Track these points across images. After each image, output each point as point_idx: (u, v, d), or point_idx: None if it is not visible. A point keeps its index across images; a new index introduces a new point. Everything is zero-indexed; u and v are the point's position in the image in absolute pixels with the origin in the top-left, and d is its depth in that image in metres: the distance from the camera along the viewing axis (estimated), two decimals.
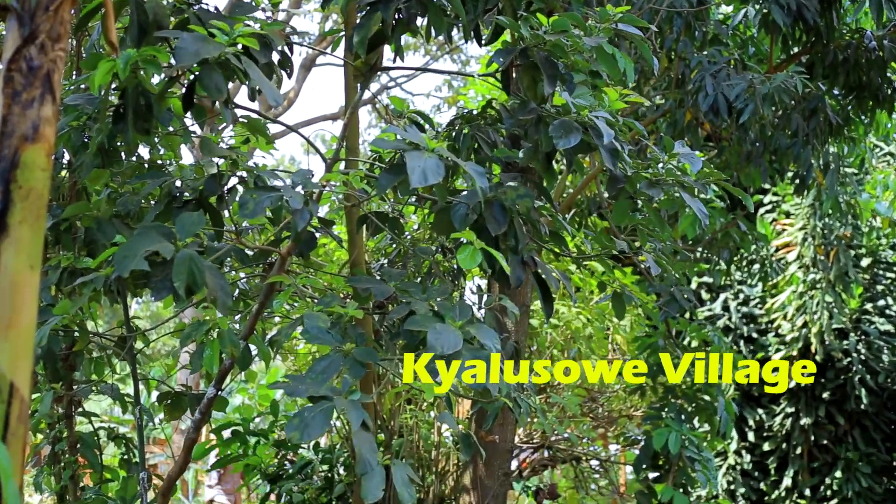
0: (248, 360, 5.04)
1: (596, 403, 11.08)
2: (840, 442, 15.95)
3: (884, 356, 15.76)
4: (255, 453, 8.65)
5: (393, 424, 8.61)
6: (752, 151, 8.96)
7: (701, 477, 8.82)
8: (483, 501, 7.49)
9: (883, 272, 16.47)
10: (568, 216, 8.57)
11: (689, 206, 5.48)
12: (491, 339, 4.30)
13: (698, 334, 9.59)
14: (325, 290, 5.34)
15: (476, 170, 4.36)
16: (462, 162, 4.34)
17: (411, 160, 4.11)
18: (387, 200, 6.44)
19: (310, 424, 3.76)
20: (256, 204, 4.40)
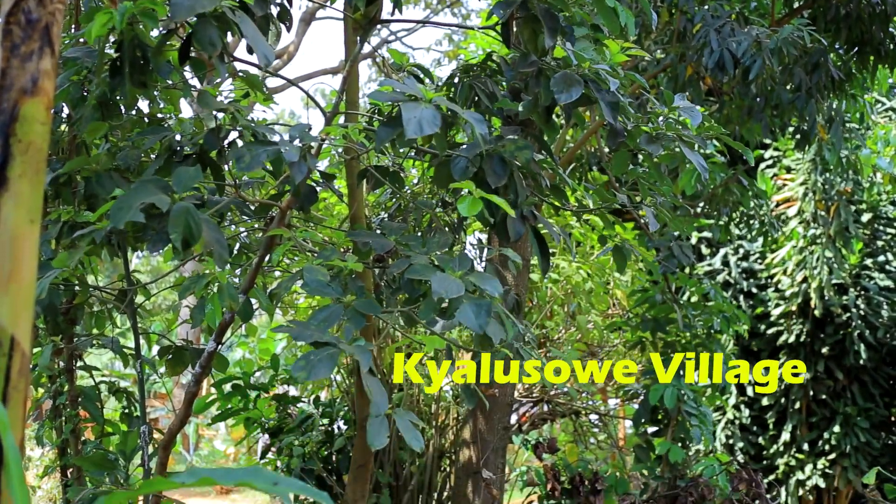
0: (248, 313, 5.05)
1: (595, 358, 11.11)
2: (838, 397, 15.98)
3: (883, 312, 15.77)
4: (255, 407, 8.68)
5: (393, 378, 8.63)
6: (754, 106, 8.93)
7: (698, 432, 8.86)
8: (483, 455, 7.52)
9: (883, 228, 16.45)
10: (568, 171, 8.56)
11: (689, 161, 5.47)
12: (492, 286, 4.30)
13: (697, 289, 9.60)
14: (325, 244, 5.33)
15: (475, 117, 4.36)
16: (461, 110, 4.33)
17: (407, 111, 4.10)
18: (387, 154, 6.43)
19: (315, 366, 3.77)
20: (253, 157, 4.39)
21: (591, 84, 4.90)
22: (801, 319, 15.78)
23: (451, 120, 4.52)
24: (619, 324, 9.97)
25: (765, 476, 15.26)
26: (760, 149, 16.72)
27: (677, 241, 8.51)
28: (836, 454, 15.42)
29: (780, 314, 15.95)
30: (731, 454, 15.53)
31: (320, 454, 8.61)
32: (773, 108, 8.92)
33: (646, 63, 9.10)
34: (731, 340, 15.20)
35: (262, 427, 8.83)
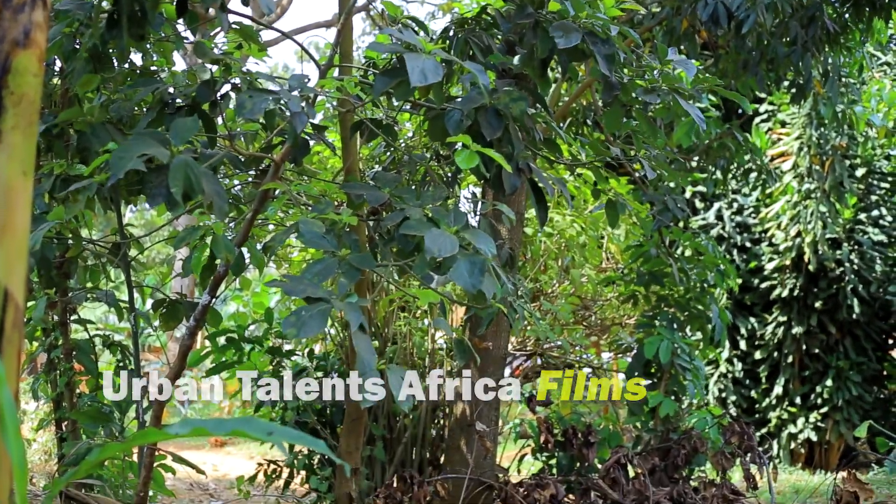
0: (242, 266, 5.06)
1: (589, 311, 11.13)
2: (831, 351, 16.04)
3: (876, 266, 15.80)
4: (249, 360, 8.69)
5: (387, 332, 8.64)
6: (749, 60, 8.89)
7: (691, 386, 8.89)
8: (476, 408, 7.55)
9: (877, 182, 16.45)
10: (563, 125, 8.54)
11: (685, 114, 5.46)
12: (486, 244, 4.30)
13: (691, 243, 9.60)
14: (319, 197, 5.33)
15: (477, 68, 4.36)
16: (461, 61, 4.33)
17: (410, 60, 4.10)
18: (381, 107, 6.41)
19: (307, 323, 3.78)
20: (255, 105, 4.38)
21: (586, 36, 4.89)
22: (795, 274, 15.81)
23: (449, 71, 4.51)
24: (613, 278, 9.98)
25: (757, 429, 15.33)
26: (755, 103, 16.68)
27: (671, 194, 8.50)
28: (829, 408, 15.50)
29: (773, 268, 15.98)
30: (723, 407, 15.60)
31: (314, 407, 8.63)
32: (768, 61, 8.89)
33: (641, 17, 9.05)
34: (724, 295, 15.23)
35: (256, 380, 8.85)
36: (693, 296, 9.12)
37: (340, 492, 6.96)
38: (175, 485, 11.58)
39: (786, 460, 15.76)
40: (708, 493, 6.97)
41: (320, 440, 1.57)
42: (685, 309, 9.12)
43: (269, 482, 8.63)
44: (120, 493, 6.26)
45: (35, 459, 12.54)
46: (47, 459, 12.49)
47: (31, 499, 6.09)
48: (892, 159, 16.49)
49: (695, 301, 9.12)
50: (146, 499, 5.48)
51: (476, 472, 7.23)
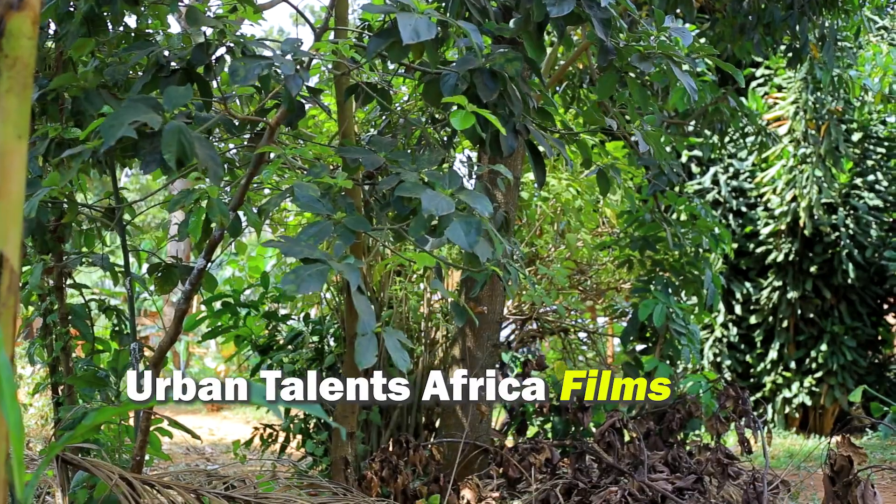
0: (237, 229, 5.04)
1: (584, 276, 11.12)
2: (826, 316, 16.07)
3: (872, 231, 15.81)
4: (245, 324, 8.70)
5: (382, 296, 8.65)
6: (746, 24, 8.87)
7: (686, 350, 8.91)
8: (472, 372, 7.56)
9: (873, 147, 16.45)
10: (559, 89, 8.52)
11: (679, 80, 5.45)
12: (482, 204, 4.30)
13: (687, 208, 9.60)
14: (315, 161, 5.32)
15: (471, 27, 4.34)
16: (454, 21, 4.31)
17: (402, 19, 4.09)
18: (376, 71, 6.39)
19: (305, 280, 3.78)
20: (248, 71, 4.37)
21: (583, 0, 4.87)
22: (790, 238, 15.83)
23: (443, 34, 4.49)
24: (609, 242, 9.98)
25: (752, 394, 15.38)
26: (752, 67, 16.66)
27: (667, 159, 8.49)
28: (823, 372, 15.55)
29: (769, 233, 15.99)
30: (718, 372, 15.64)
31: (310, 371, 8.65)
32: (765, 25, 8.87)
33: None
34: (720, 259, 15.24)
35: (252, 345, 8.86)
36: (688, 260, 9.12)
37: (336, 455, 6.98)
38: (171, 449, 11.62)
39: (780, 425, 15.83)
40: (702, 458, 6.99)
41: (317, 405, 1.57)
42: (680, 273, 9.13)
43: (265, 446, 8.66)
44: (116, 457, 6.27)
45: (31, 424, 12.57)
46: (44, 424, 12.53)
47: (27, 463, 6.11)
48: (889, 124, 16.48)
49: (689, 266, 9.12)
50: (143, 463, 5.50)
51: (471, 437, 7.25)
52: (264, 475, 8.07)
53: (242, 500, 5.41)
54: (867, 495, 5.29)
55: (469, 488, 6.77)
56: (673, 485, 6.52)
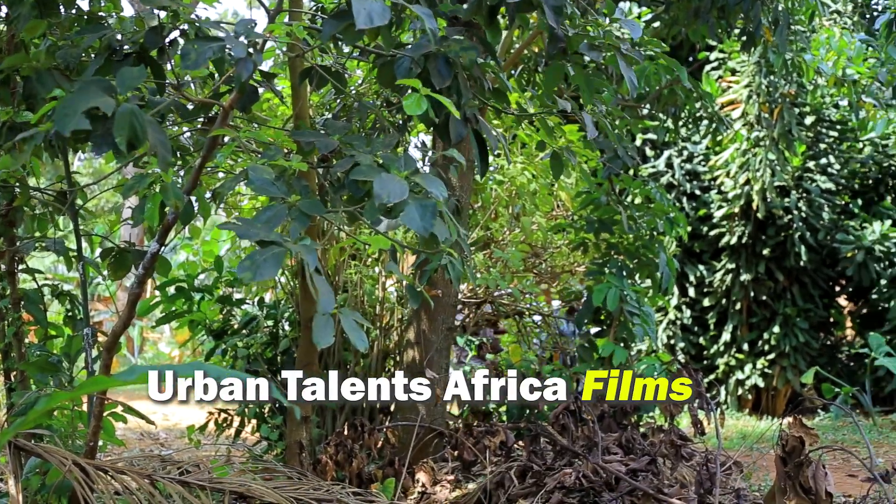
0: (191, 213, 5.02)
1: (539, 259, 11.15)
2: (779, 298, 16.18)
3: (824, 214, 15.93)
4: (199, 309, 8.67)
5: (337, 280, 8.64)
6: (700, 7, 8.89)
7: (641, 331, 8.95)
8: (427, 355, 7.57)
9: (826, 130, 16.56)
10: (515, 72, 8.52)
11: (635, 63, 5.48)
12: (437, 188, 4.29)
13: (641, 191, 9.63)
14: (269, 145, 5.29)
15: (425, 12, 4.31)
16: (409, 4, 4.29)
17: (357, 3, 4.06)
18: (330, 54, 6.37)
19: (261, 266, 3.76)
20: (199, 55, 4.33)
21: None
22: (744, 221, 15.92)
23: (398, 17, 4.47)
24: (563, 225, 10.01)
25: (705, 376, 15.46)
26: (706, 51, 16.73)
27: (622, 142, 8.51)
28: (776, 354, 15.67)
29: (722, 216, 16.08)
30: (672, 354, 15.72)
31: (265, 356, 8.63)
32: (719, 9, 8.89)
33: None
34: (674, 242, 15.31)
35: (207, 329, 8.83)
36: (642, 243, 9.16)
37: (291, 439, 6.97)
38: (125, 434, 11.56)
39: (733, 406, 15.94)
40: (656, 439, 7.03)
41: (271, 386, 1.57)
42: (634, 256, 9.17)
43: (220, 431, 8.63)
44: (70, 443, 6.23)
45: None
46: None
47: None
48: (841, 108, 16.60)
49: (644, 249, 9.16)
50: (96, 448, 5.47)
51: (426, 420, 7.27)
52: (219, 460, 8.06)
53: (197, 484, 5.40)
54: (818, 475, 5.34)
55: (424, 471, 6.78)
56: (627, 466, 6.55)
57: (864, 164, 16.64)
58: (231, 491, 5.49)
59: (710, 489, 5.99)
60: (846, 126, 16.66)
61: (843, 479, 8.88)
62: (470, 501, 6.49)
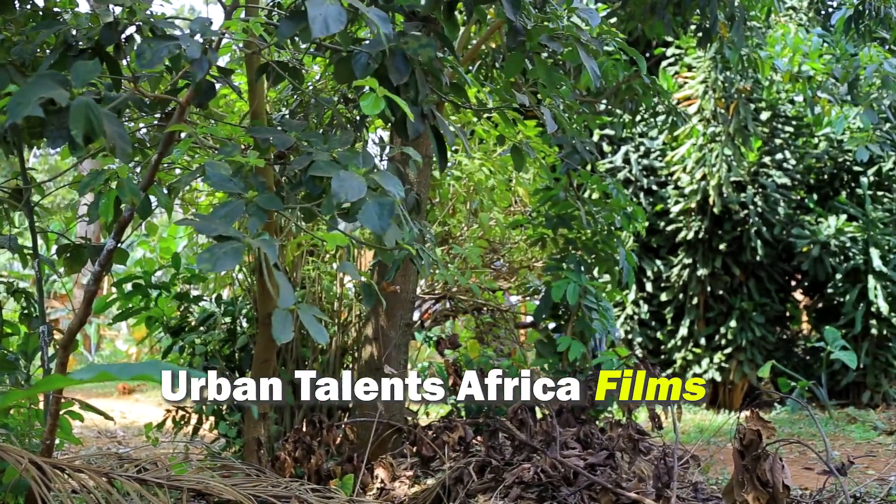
0: (147, 210, 4.99)
1: (497, 255, 11.17)
2: (735, 292, 16.27)
3: (780, 209, 16.03)
4: (156, 306, 8.63)
5: (295, 276, 8.62)
6: (656, 3, 8.92)
7: (599, 326, 8.98)
8: (385, 351, 7.57)
9: (781, 126, 16.66)
10: (473, 68, 8.53)
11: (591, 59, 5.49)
12: (394, 186, 4.29)
13: (599, 186, 9.66)
14: (226, 141, 5.27)
15: (379, 16, 4.30)
16: (365, 8, 4.28)
17: (312, 7, 4.03)
18: (288, 50, 6.35)
19: (221, 258, 3.74)
20: (154, 53, 4.31)
21: None
22: (700, 216, 16.00)
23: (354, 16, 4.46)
24: (521, 221, 10.03)
25: (662, 370, 15.51)
26: (662, 46, 16.81)
27: (579, 137, 8.53)
28: (732, 349, 15.76)
29: (679, 211, 16.17)
30: (629, 349, 15.79)
31: (223, 352, 8.61)
32: (675, 5, 8.93)
33: None
34: (631, 237, 15.38)
35: (164, 326, 8.79)
36: (600, 238, 9.19)
37: (249, 437, 6.96)
38: (82, 433, 11.50)
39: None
40: (614, 434, 7.05)
41: None
42: (593, 252, 9.20)
43: (177, 428, 8.60)
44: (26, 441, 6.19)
45: None
46: None
47: None
48: (797, 103, 16.71)
49: (602, 244, 9.20)
50: (53, 447, 5.43)
51: (385, 416, 7.26)
52: (177, 457, 8.02)
53: (155, 482, 5.37)
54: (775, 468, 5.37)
55: (383, 467, 6.78)
56: (585, 461, 6.58)
57: (819, 159, 16.77)
58: (189, 488, 5.47)
59: (667, 483, 6.02)
60: (802, 122, 16.78)
61: (799, 471, 8.95)
62: (429, 497, 6.50)
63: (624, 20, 9.57)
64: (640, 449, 6.98)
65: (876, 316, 15.56)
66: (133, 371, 1.53)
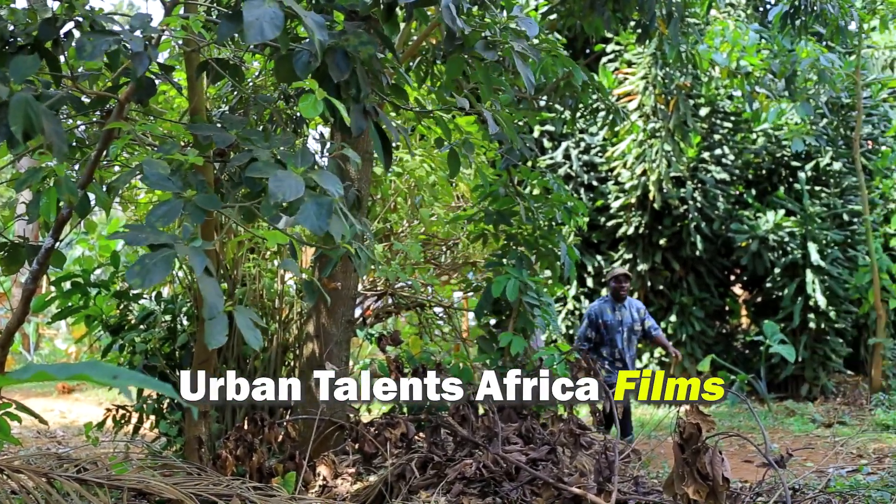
0: (86, 208, 4.95)
1: (439, 251, 11.18)
2: (675, 287, 16.40)
3: (719, 204, 16.18)
4: (95, 304, 8.57)
5: (236, 274, 8.58)
6: (596, 0, 8.97)
7: (541, 321, 9.01)
8: (326, 349, 7.55)
9: (720, 122, 16.81)
10: (413, 64, 8.53)
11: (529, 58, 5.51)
12: (333, 185, 4.28)
13: (540, 182, 9.69)
14: (165, 138, 5.24)
15: (316, 21, 4.28)
16: (302, 12, 4.26)
17: (249, 11, 4.00)
18: (228, 47, 6.33)
19: (151, 271, 3.71)
20: (95, 47, 4.27)
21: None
22: (640, 212, 16.11)
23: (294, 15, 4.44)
24: (463, 216, 10.04)
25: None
26: (602, 43, 16.90)
27: (520, 134, 8.55)
28: (673, 343, 15.87)
29: (619, 207, 16.27)
30: (571, 344, 15.86)
31: (163, 351, 8.55)
32: (614, 2, 8.97)
33: None
34: (573, 233, 15.45)
35: (103, 325, 8.72)
36: (541, 234, 9.22)
37: (190, 435, 6.93)
38: (21, 433, 11.40)
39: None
40: (556, 429, 7.08)
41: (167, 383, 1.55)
42: (534, 247, 9.22)
43: (118, 428, 8.54)
44: None
45: None
46: None
47: None
48: (735, 99, 16.86)
49: (543, 239, 9.22)
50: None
51: (327, 413, 7.25)
52: (117, 457, 7.97)
53: (95, 482, 5.34)
54: (715, 461, 5.41)
55: (325, 465, 6.77)
56: (527, 456, 6.60)
57: (757, 154, 16.93)
58: (130, 488, 5.44)
59: (609, 477, 6.05)
60: (740, 117, 16.94)
61: (739, 464, 9.03)
62: (371, 494, 6.50)
63: (563, 16, 9.61)
64: (581, 444, 7.02)
65: (814, 310, 15.74)
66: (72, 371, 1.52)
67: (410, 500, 6.28)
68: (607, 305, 10.40)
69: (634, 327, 10.42)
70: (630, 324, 10.40)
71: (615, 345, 10.30)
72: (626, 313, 10.43)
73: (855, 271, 15.89)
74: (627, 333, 10.37)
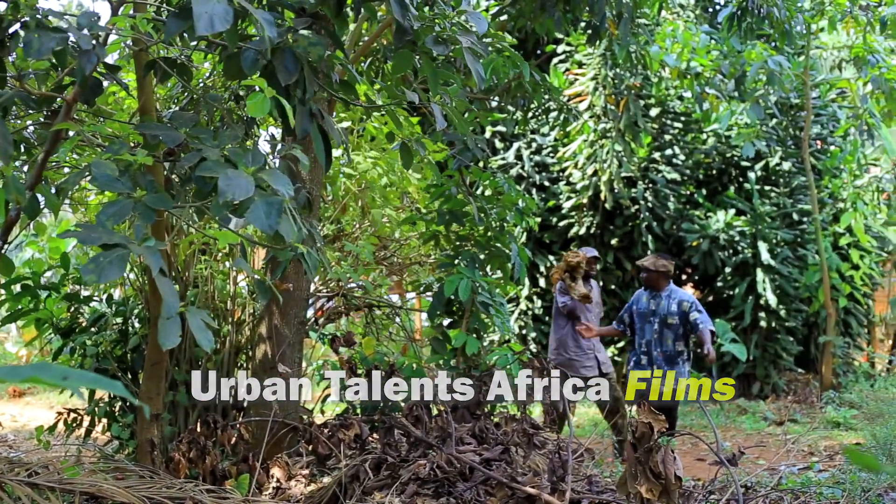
0: (35, 209, 4.92)
1: (390, 251, 11.17)
2: (627, 287, 16.47)
3: (669, 204, 16.27)
4: (46, 307, 8.50)
5: (187, 275, 8.54)
6: (547, 1, 8.99)
7: (498, 321, 9.02)
8: (279, 350, 7.53)
9: (671, 122, 16.90)
10: (365, 63, 8.52)
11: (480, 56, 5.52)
12: (283, 185, 4.26)
13: (491, 182, 9.71)
14: (114, 139, 5.21)
15: (266, 18, 4.26)
16: (252, 9, 4.24)
17: (198, 5, 3.97)
18: (176, 46, 6.29)
19: (105, 269, 3.68)
20: (42, 44, 4.24)
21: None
22: (592, 212, 16.17)
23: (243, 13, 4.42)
24: (414, 218, 10.04)
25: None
26: (553, 44, 16.94)
27: (472, 134, 8.56)
28: (625, 342, 15.92)
29: (571, 207, 16.31)
30: (523, 344, 15.88)
31: (114, 353, 8.50)
32: (565, 2, 8.99)
33: None
34: (524, 233, 15.49)
35: (54, 328, 8.66)
36: (493, 234, 9.23)
37: (142, 438, 6.89)
38: None
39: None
40: (509, 429, 7.09)
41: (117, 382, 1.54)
42: (485, 248, 9.23)
43: (69, 431, 8.48)
44: None
45: None
46: None
47: None
48: (685, 99, 16.95)
49: (495, 240, 9.23)
50: None
51: (280, 415, 7.23)
52: (69, 460, 7.92)
53: (46, 486, 5.30)
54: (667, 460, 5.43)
55: (279, 467, 6.75)
56: (480, 456, 6.61)
57: (707, 154, 17.05)
58: (81, 492, 5.40)
59: (562, 476, 6.06)
60: (690, 118, 17.04)
61: (692, 463, 9.08)
62: (325, 495, 6.48)
63: (514, 18, 9.63)
64: (534, 443, 7.03)
65: (765, 308, 15.86)
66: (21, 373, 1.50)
67: (364, 502, 6.27)
68: (645, 293, 10.18)
69: (669, 320, 9.85)
70: (664, 315, 9.88)
71: (643, 335, 9.97)
72: (662, 303, 9.95)
73: (805, 270, 16.03)
74: (660, 326, 9.88)
